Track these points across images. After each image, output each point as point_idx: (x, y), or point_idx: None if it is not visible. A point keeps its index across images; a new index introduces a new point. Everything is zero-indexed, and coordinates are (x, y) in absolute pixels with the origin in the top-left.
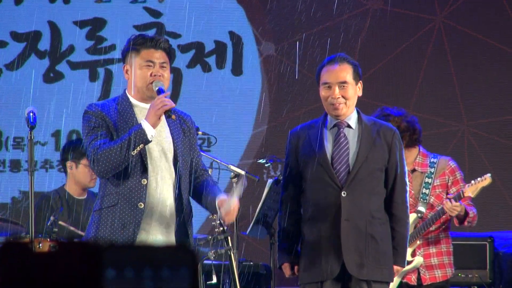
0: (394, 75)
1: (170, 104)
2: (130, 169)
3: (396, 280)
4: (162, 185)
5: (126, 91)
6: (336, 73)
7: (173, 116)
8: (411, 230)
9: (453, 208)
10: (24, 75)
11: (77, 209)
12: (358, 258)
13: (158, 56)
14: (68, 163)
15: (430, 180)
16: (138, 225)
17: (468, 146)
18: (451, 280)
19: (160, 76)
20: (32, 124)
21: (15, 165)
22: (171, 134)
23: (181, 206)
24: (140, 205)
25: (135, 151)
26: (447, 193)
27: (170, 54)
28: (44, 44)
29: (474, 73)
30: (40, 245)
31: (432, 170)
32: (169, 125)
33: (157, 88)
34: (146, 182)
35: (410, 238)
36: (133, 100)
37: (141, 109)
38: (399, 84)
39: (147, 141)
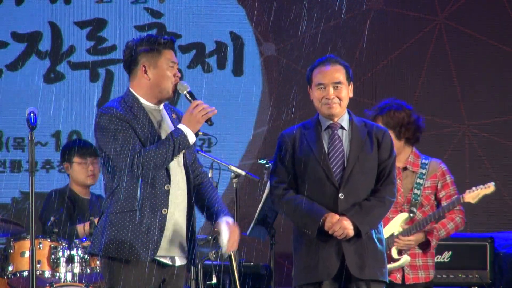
0: (395, 75)
1: (212, 111)
2: (156, 174)
3: None
4: (177, 189)
5: (134, 92)
6: (330, 73)
7: (208, 124)
8: (400, 228)
9: (406, 244)
10: (25, 75)
11: (82, 208)
12: (359, 259)
13: (175, 57)
14: (65, 165)
15: (421, 181)
16: (162, 231)
17: (469, 146)
18: (452, 280)
19: (180, 76)
20: (32, 125)
21: (16, 166)
22: None
23: (191, 209)
24: (164, 211)
25: (177, 156)
26: (436, 195)
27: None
28: (45, 44)
29: (474, 73)
30: (41, 245)
31: (424, 171)
32: (174, 126)
33: (188, 90)
34: (169, 187)
35: (410, 230)
36: (143, 101)
37: (152, 110)
38: (400, 84)
39: (189, 147)
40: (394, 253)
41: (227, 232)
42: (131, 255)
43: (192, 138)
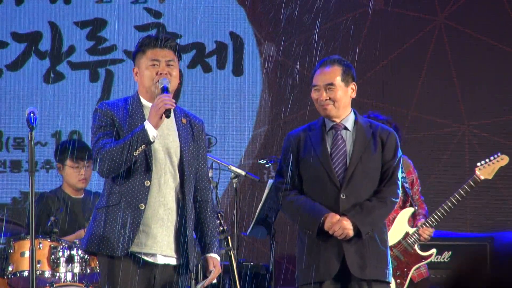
0: (395, 75)
1: (170, 103)
2: (134, 169)
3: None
4: (165, 188)
5: (138, 92)
6: (324, 75)
7: (164, 117)
8: (408, 225)
9: (429, 236)
10: (25, 75)
11: (74, 209)
12: (360, 259)
13: (164, 54)
14: (57, 165)
15: (404, 175)
16: (137, 226)
17: (469, 146)
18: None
19: (166, 74)
20: (32, 125)
21: (16, 166)
22: (179, 138)
23: (184, 210)
24: (141, 206)
25: (137, 152)
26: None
27: (178, 52)
28: (45, 44)
29: (474, 73)
30: (41, 245)
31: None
32: (178, 129)
33: (161, 86)
34: (149, 183)
35: (433, 221)
36: (144, 101)
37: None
38: (399, 84)
39: (149, 142)
40: (419, 251)
41: (210, 275)
42: (107, 250)
43: (152, 133)
